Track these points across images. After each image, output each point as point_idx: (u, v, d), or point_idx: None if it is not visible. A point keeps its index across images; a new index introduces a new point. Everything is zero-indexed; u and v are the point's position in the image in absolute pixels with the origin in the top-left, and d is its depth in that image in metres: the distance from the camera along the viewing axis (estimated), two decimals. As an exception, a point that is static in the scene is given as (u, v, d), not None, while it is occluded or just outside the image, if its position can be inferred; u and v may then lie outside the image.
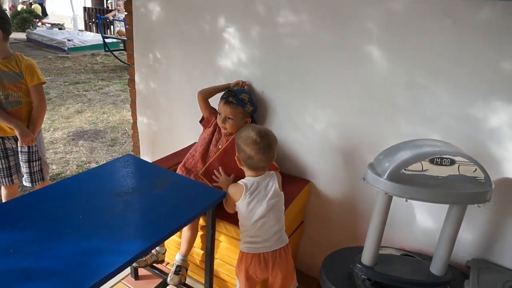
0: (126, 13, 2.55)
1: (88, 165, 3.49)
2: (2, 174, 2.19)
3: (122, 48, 8.05)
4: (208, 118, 1.99)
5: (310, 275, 2.09)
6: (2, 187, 2.27)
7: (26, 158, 2.18)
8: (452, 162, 1.26)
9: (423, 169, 1.27)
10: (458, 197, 1.29)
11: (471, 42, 1.45)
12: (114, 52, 7.66)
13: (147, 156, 2.73)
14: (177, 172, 1.90)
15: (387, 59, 1.63)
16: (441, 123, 1.57)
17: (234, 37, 2.04)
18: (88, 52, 8.89)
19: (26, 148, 2.16)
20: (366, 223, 1.47)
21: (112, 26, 9.22)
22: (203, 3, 2.10)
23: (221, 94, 1.94)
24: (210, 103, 2.02)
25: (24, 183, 2.26)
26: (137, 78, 2.59)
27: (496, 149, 1.47)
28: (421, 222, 1.72)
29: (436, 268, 1.45)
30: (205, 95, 1.99)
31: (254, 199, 1.50)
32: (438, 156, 1.26)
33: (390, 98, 1.66)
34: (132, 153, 2.93)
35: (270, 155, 1.51)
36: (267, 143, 1.49)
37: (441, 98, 1.55)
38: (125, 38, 2.62)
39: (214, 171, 1.76)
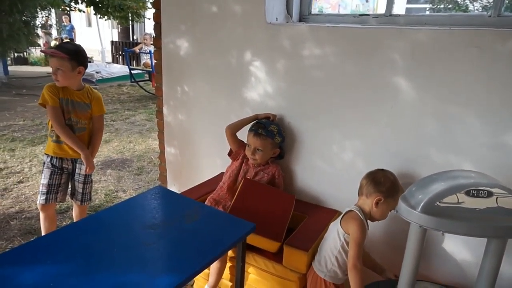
0: (152, 46, 2.68)
1: (115, 193, 3.57)
2: (52, 190, 2.28)
3: (147, 78, 8.37)
4: (237, 151, 2.02)
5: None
6: (40, 206, 2.29)
7: (83, 180, 2.36)
8: (490, 194, 1.22)
9: (459, 201, 1.23)
10: (497, 230, 1.25)
11: (500, 70, 1.44)
12: (139, 83, 7.96)
13: (174, 186, 2.78)
14: (205, 203, 1.93)
15: (413, 89, 1.64)
16: (474, 152, 1.54)
17: (260, 70, 2.10)
18: (115, 83, 9.26)
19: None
20: (400, 256, 1.43)
21: (137, 58, 9.64)
22: (230, 39, 2.19)
23: (248, 125, 1.99)
24: (238, 135, 2.06)
25: (75, 202, 2.43)
26: (165, 110, 2.68)
27: (535, 179, 1.43)
28: (458, 255, 1.66)
29: (477, 304, 1.38)
30: (233, 129, 2.03)
31: None
32: (474, 188, 1.23)
33: (419, 127, 1.65)
34: (159, 182, 2.99)
35: None
36: None
37: (472, 127, 1.53)
38: (150, 69, 2.75)
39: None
